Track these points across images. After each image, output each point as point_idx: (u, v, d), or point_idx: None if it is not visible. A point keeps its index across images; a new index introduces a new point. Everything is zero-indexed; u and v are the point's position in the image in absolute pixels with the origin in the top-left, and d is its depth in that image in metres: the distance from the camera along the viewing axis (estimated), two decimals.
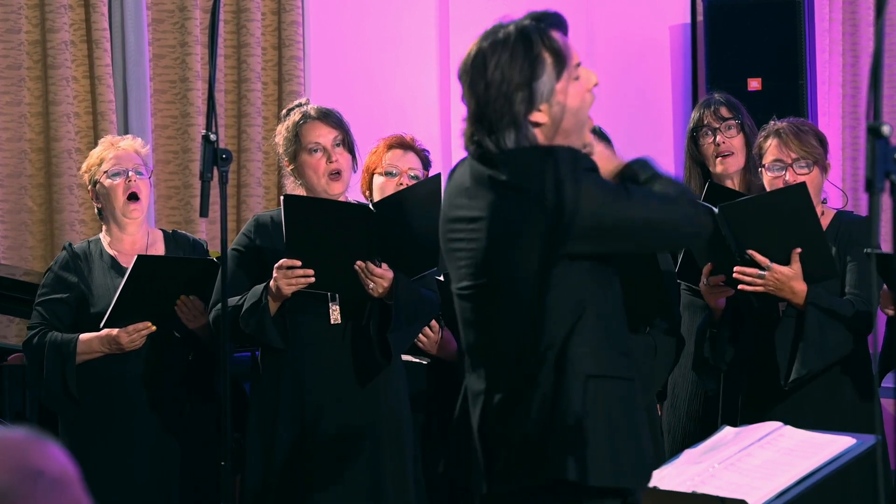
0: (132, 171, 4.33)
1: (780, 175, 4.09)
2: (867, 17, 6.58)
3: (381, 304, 4.04)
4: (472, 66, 2.86)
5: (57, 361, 4.23)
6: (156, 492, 4.27)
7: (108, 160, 4.34)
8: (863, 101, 6.53)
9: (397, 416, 4.14)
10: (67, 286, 4.34)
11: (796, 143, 4.08)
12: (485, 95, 2.83)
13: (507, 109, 2.82)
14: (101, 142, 4.51)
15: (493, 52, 2.84)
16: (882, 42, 2.25)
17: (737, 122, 4.52)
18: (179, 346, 4.33)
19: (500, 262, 2.85)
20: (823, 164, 4.13)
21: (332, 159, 4.15)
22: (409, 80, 6.49)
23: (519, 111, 2.82)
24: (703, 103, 4.60)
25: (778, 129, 4.12)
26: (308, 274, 3.94)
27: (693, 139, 4.56)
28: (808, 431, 3.21)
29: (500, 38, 2.85)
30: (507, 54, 2.82)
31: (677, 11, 6.75)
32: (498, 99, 2.82)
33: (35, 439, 1.74)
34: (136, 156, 4.38)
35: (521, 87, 2.82)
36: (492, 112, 2.83)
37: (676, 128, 6.67)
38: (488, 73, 2.82)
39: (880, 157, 2.19)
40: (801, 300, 3.93)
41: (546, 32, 2.86)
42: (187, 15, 5.90)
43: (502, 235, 2.84)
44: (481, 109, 2.84)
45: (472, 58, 2.86)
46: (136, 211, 4.34)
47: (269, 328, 4.01)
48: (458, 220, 2.92)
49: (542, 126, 2.85)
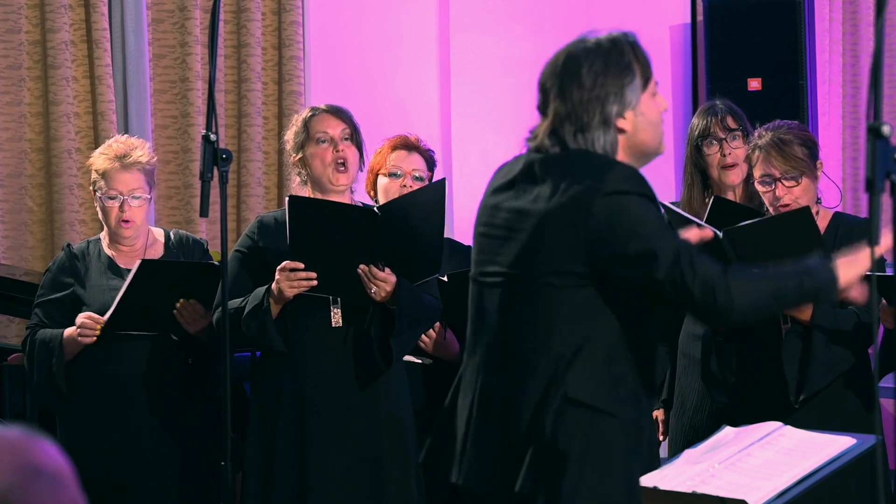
0: (128, 199, 4.30)
1: (769, 190, 4.09)
2: (867, 17, 6.59)
3: (384, 309, 4.03)
4: (564, 68, 2.96)
5: (44, 355, 4.24)
6: (156, 492, 4.27)
7: (109, 180, 4.30)
8: (863, 101, 6.53)
9: (398, 419, 4.14)
10: (63, 287, 4.34)
11: (780, 158, 4.06)
12: (579, 95, 2.93)
13: (599, 110, 2.92)
14: (109, 146, 4.38)
15: (587, 57, 2.94)
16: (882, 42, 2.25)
17: (741, 133, 4.50)
18: (178, 347, 4.32)
19: (535, 261, 2.90)
20: (813, 172, 4.10)
21: (338, 149, 4.16)
22: (409, 80, 6.48)
23: (611, 112, 2.92)
24: (708, 111, 4.55)
25: (760, 145, 4.10)
26: (311, 277, 3.93)
27: (696, 147, 4.53)
28: (808, 431, 3.20)
29: (591, 45, 2.96)
30: (601, 60, 2.94)
31: (677, 11, 6.76)
32: (592, 101, 2.92)
33: (32, 437, 1.74)
34: (140, 177, 4.31)
35: (614, 90, 2.93)
36: (584, 112, 2.92)
37: (676, 128, 6.67)
38: (583, 75, 2.93)
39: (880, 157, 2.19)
40: (806, 316, 3.93)
41: (636, 45, 2.98)
42: (187, 15, 5.90)
43: (542, 233, 2.89)
44: (573, 109, 2.93)
45: (563, 62, 2.97)
46: (128, 230, 4.33)
47: (271, 331, 4.00)
48: (505, 210, 2.98)
49: (625, 133, 2.95)
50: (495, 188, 3.05)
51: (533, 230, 2.91)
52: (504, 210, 2.99)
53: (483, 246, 3.03)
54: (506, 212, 2.98)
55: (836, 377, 3.99)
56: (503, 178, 3.04)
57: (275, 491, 4.06)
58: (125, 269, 4.34)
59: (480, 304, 3.01)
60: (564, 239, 2.86)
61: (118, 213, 4.31)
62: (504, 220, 2.98)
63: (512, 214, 2.96)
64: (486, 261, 3.01)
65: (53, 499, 1.71)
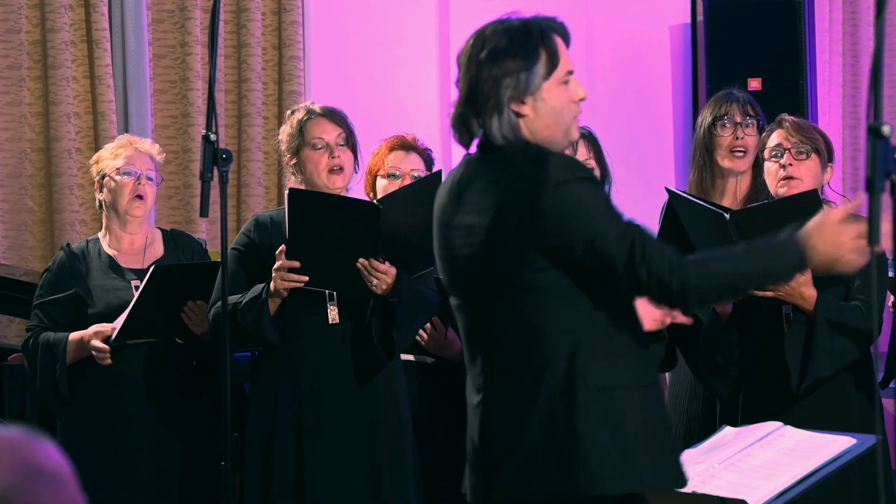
0: (143, 175, 4.34)
1: (777, 161, 4.09)
2: (867, 17, 6.59)
3: (384, 302, 4.04)
4: (471, 47, 2.89)
5: (48, 360, 4.24)
6: (156, 492, 4.27)
7: (122, 157, 4.35)
8: (863, 101, 6.53)
9: (396, 416, 4.14)
10: (64, 287, 4.33)
11: (796, 129, 4.11)
12: (476, 76, 2.86)
13: (493, 92, 2.84)
14: (119, 138, 4.54)
15: (493, 37, 2.87)
16: (882, 42, 2.25)
17: (757, 122, 4.50)
18: (180, 348, 4.32)
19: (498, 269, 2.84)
20: (824, 158, 4.12)
21: (334, 155, 4.16)
22: (409, 80, 6.48)
23: (503, 96, 2.84)
24: (727, 97, 4.53)
25: (781, 120, 4.16)
26: (301, 280, 3.94)
27: (710, 127, 4.49)
28: (808, 431, 3.21)
29: (502, 26, 2.88)
30: (506, 41, 2.85)
31: (677, 11, 6.75)
32: (487, 81, 2.85)
33: (32, 437, 1.74)
34: (150, 161, 4.40)
35: (511, 73, 2.84)
36: (479, 94, 2.86)
37: (676, 128, 6.67)
38: (483, 54, 2.86)
39: (880, 157, 2.19)
40: (810, 306, 3.92)
41: (546, 32, 2.88)
42: (187, 15, 5.90)
43: (500, 242, 2.83)
44: (471, 90, 2.87)
45: (472, 41, 2.90)
46: (140, 209, 4.35)
47: (266, 323, 4.01)
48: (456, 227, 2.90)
49: (524, 118, 2.86)
50: (440, 204, 2.96)
51: (488, 241, 2.83)
52: (456, 228, 2.90)
53: (451, 270, 2.94)
54: (459, 229, 2.89)
55: (839, 370, 3.98)
56: (447, 190, 2.95)
57: (273, 488, 4.06)
58: (126, 268, 4.35)
59: (467, 325, 2.94)
60: (520, 240, 2.80)
61: (133, 188, 4.32)
62: (460, 238, 2.89)
63: (464, 231, 2.88)
64: (458, 284, 2.93)
65: (53, 499, 1.71)
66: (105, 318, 4.25)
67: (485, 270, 2.85)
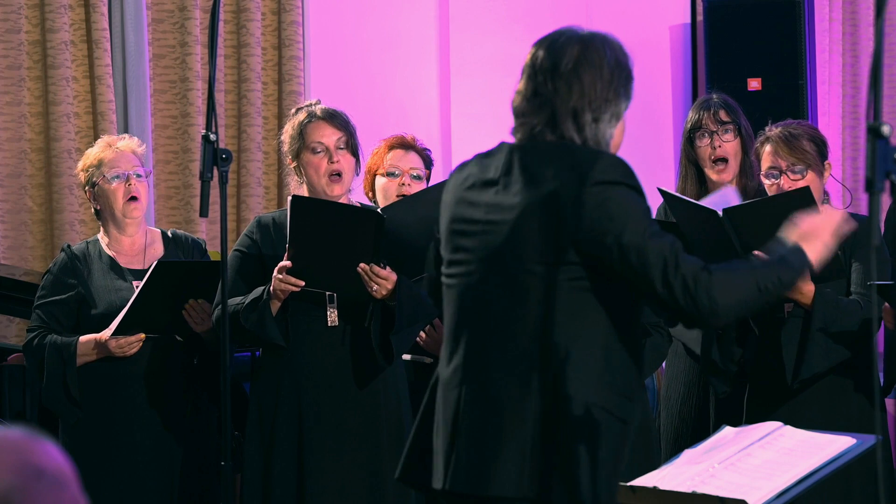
0: (132, 174, 4.33)
1: (775, 182, 4.09)
2: (867, 17, 6.59)
3: (383, 306, 4.04)
4: (583, 56, 2.90)
5: (57, 364, 4.23)
6: (156, 492, 4.27)
7: (106, 162, 4.33)
8: (863, 101, 6.54)
9: (397, 418, 4.14)
10: (66, 288, 4.33)
11: (786, 150, 4.07)
12: (599, 86, 2.90)
13: (614, 104, 2.91)
14: (97, 142, 4.50)
15: (606, 49, 2.92)
16: (882, 42, 2.26)
17: (734, 127, 4.50)
18: (181, 347, 4.33)
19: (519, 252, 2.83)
20: (819, 168, 4.11)
21: (333, 160, 4.16)
22: (409, 80, 6.49)
23: (621, 108, 2.93)
24: (702, 104, 4.57)
25: (769, 136, 4.11)
26: (299, 283, 3.94)
27: (689, 140, 4.54)
28: (808, 431, 3.21)
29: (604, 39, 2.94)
30: (618, 55, 2.94)
31: (677, 11, 6.76)
32: (609, 94, 2.90)
33: (33, 438, 1.75)
34: (134, 157, 4.37)
35: (625, 89, 2.93)
36: (602, 103, 2.89)
37: (676, 128, 6.67)
38: (604, 67, 2.91)
39: (880, 157, 2.19)
40: (808, 300, 3.92)
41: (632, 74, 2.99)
42: (187, 15, 5.90)
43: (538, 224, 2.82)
44: (593, 99, 2.89)
45: (581, 50, 2.90)
46: (137, 210, 4.35)
47: (269, 324, 4.01)
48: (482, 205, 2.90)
49: (613, 139, 2.95)
50: (471, 184, 2.94)
51: (515, 221, 2.83)
52: (481, 205, 2.89)
53: (456, 242, 2.92)
54: (483, 206, 2.89)
55: (834, 364, 3.97)
56: (481, 173, 2.94)
57: (274, 489, 4.07)
58: (127, 269, 4.35)
59: (460, 304, 2.91)
60: (551, 228, 2.79)
61: (125, 191, 4.31)
62: (481, 213, 2.88)
63: (490, 208, 2.88)
64: (461, 260, 2.91)
65: (55, 500, 1.71)
66: (107, 318, 4.25)
67: (513, 251, 2.83)
